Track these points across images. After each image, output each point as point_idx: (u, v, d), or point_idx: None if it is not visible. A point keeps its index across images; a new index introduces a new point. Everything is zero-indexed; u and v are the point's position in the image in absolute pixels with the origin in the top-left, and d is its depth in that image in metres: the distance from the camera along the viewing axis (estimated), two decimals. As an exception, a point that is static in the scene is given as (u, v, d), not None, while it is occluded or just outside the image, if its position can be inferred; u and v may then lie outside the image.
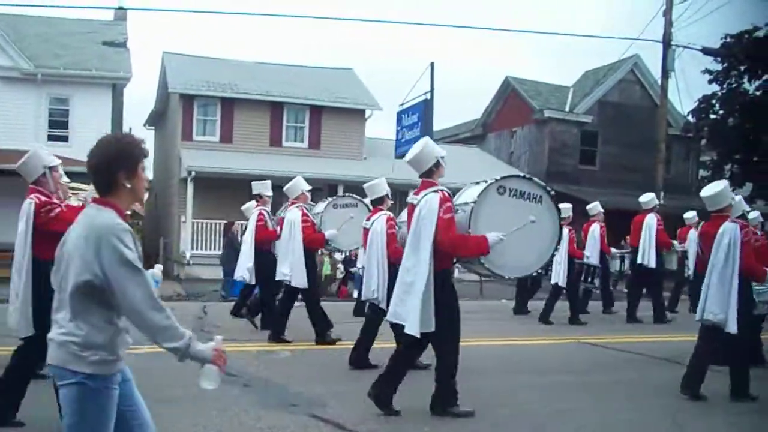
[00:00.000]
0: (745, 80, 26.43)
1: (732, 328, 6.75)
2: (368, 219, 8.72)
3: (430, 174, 6.22)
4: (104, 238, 2.88)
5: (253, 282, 11.37)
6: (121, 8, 26.10)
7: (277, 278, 10.17)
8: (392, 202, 9.39)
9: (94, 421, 2.94)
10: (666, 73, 22.44)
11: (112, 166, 3.04)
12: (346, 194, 11.72)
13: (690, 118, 27.91)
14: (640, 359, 9.68)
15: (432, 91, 20.89)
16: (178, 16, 76.00)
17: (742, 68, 26.14)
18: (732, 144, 26.04)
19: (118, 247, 2.87)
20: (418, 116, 21.62)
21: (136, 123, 43.56)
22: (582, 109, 28.99)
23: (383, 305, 7.89)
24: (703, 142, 29.27)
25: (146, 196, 5.48)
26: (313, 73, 27.88)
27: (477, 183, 6.50)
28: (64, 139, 21.50)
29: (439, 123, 30.13)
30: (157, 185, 28.42)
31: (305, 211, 10.03)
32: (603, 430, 6.23)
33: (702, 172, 29.40)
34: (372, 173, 22.31)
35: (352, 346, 8.36)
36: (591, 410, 6.73)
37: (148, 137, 35.47)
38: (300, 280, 9.74)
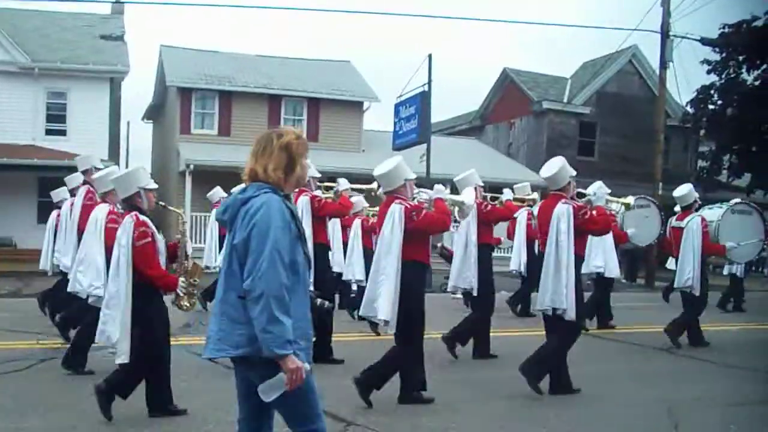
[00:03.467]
0: (744, 70, 26.44)
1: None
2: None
3: None
4: None
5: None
6: (118, 2, 25.84)
7: (584, 271, 11.01)
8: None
9: None
10: (664, 63, 22.38)
11: None
12: (641, 196, 12.04)
13: (688, 108, 27.90)
14: (635, 350, 9.70)
15: (430, 82, 20.86)
16: (175, 9, 75.82)
17: (741, 58, 26.13)
18: (730, 134, 26.04)
19: None
20: (416, 108, 21.61)
21: (134, 117, 43.61)
22: (580, 101, 28.97)
23: (696, 292, 9.34)
24: (702, 132, 29.26)
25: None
26: (311, 65, 27.84)
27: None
28: (62, 133, 21.50)
29: (437, 115, 30.20)
30: (156, 179, 28.30)
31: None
32: (597, 422, 6.25)
33: (700, 163, 29.42)
34: (370, 165, 22.14)
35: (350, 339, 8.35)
36: (584, 402, 6.75)
37: (145, 131, 35.57)
38: (614, 271, 11.02)
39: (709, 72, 26.57)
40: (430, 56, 20.64)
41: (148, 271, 5.61)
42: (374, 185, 7.87)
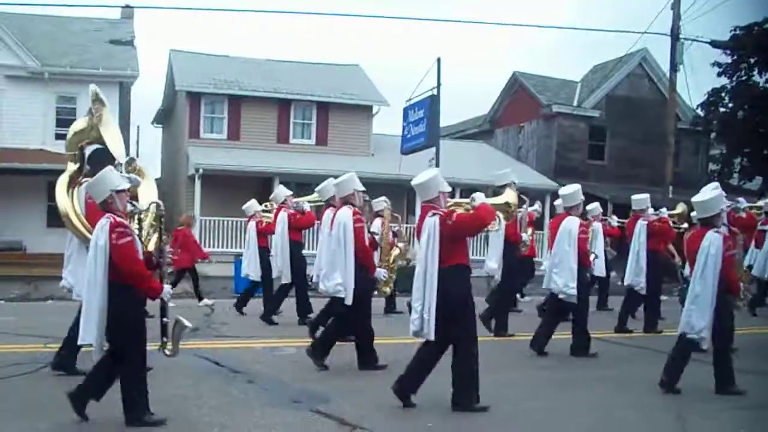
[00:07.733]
0: (755, 73, 26.26)
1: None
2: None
3: None
4: None
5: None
6: (128, 6, 26.07)
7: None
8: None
9: None
10: (675, 66, 22.28)
11: None
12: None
13: (699, 111, 27.74)
14: (644, 353, 9.62)
15: (439, 86, 20.84)
16: (184, 13, 76.17)
17: (752, 61, 25.97)
18: (742, 137, 25.87)
19: None
20: (425, 112, 21.57)
21: (143, 121, 43.75)
22: (590, 104, 28.83)
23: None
24: (713, 135, 29.09)
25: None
26: (320, 69, 27.87)
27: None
28: (72, 137, 21.54)
29: (446, 119, 30.14)
30: (165, 183, 28.40)
31: None
32: (606, 426, 6.21)
33: (711, 166, 29.27)
34: (379, 169, 22.35)
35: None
36: (593, 405, 6.70)
37: (155, 135, 35.72)
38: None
39: (719, 75, 26.44)
40: (439, 60, 20.62)
41: None
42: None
